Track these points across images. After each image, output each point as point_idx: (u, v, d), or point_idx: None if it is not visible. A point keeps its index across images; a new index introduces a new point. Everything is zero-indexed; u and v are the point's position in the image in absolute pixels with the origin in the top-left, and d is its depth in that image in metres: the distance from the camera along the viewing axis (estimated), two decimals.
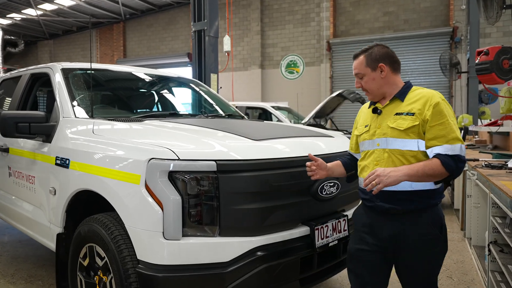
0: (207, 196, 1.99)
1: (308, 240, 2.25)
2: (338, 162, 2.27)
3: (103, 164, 2.24)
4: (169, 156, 1.99)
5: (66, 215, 2.59)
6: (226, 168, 2.01)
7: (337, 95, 8.90)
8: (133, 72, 3.80)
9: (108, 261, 2.15)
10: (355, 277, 2.05)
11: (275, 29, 16.56)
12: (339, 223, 2.44)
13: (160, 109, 3.86)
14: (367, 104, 2.13)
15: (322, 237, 2.30)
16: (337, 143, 2.74)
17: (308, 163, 2.16)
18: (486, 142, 6.75)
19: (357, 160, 2.16)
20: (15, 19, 19.34)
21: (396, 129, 1.88)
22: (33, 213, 3.02)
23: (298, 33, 16.19)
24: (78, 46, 21.39)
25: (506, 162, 3.59)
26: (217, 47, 6.79)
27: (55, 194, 2.65)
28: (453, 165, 1.79)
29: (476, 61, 4.87)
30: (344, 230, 2.47)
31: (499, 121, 5.77)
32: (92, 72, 3.37)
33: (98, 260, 2.26)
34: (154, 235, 1.95)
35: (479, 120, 9.14)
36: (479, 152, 5.05)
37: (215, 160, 2.00)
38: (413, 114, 1.87)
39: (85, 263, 2.37)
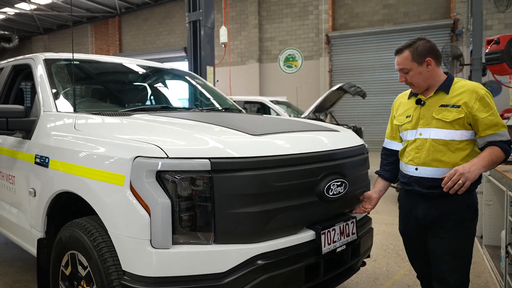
0: (200, 198, 1.76)
1: (313, 246, 2.03)
2: (379, 180, 2.35)
3: (84, 163, 2.00)
4: (156, 154, 1.76)
5: (47, 218, 2.36)
6: (222, 166, 1.77)
7: (338, 88, 8.69)
8: (123, 64, 3.55)
9: (90, 271, 1.93)
10: (409, 253, 2.29)
11: (272, 22, 16.27)
12: (347, 226, 2.22)
13: (153, 103, 3.61)
14: (405, 94, 2.24)
15: (329, 242, 2.08)
16: (343, 137, 2.51)
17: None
18: None
19: (393, 154, 2.27)
20: (9, 14, 18.99)
21: (442, 120, 1.97)
22: (14, 216, 2.79)
23: (296, 26, 15.91)
24: (73, 40, 21.02)
25: None
26: (213, 39, 6.52)
27: (35, 195, 2.42)
28: (509, 149, 1.94)
29: (486, 51, 4.64)
30: (353, 234, 2.25)
31: (505, 114, 5.56)
32: (78, 63, 3.13)
33: (80, 269, 2.03)
34: (141, 243, 1.72)
35: None
36: None
37: (208, 158, 1.77)
38: (459, 106, 1.95)
39: (67, 272, 2.15)
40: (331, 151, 2.23)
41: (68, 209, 2.36)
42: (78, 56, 3.22)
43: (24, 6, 17.93)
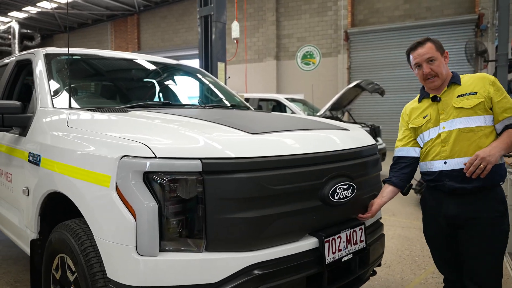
0: (191, 202, 1.62)
1: (316, 255, 1.86)
2: (385, 186, 2.25)
3: (72, 162, 1.89)
4: (144, 153, 1.62)
5: (40, 219, 2.27)
6: (214, 168, 1.63)
7: (355, 86, 8.45)
8: (127, 59, 3.45)
9: (77, 276, 1.82)
10: (437, 258, 2.24)
11: (291, 19, 16.04)
12: (354, 233, 2.04)
13: (156, 99, 3.49)
14: (413, 101, 2.27)
15: (334, 250, 1.91)
16: (352, 136, 2.33)
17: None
18: None
19: (404, 162, 2.21)
20: (31, 13, 19.36)
21: (464, 108, 1.99)
22: (11, 215, 2.72)
23: (315, 23, 15.63)
24: (93, 39, 21.31)
25: None
26: (225, 34, 6.36)
27: (28, 194, 2.33)
28: None
29: None
30: (361, 241, 2.07)
31: None
32: (79, 58, 3.04)
33: (69, 273, 1.93)
34: (126, 250, 1.59)
35: None
36: None
37: (200, 158, 1.62)
38: (476, 93, 1.99)
39: (58, 275, 2.05)
40: (338, 151, 2.05)
41: (62, 210, 2.26)
42: (81, 51, 3.13)
43: (46, 5, 18.22)
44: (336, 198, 1.92)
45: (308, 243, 1.85)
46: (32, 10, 18.93)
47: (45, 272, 2.16)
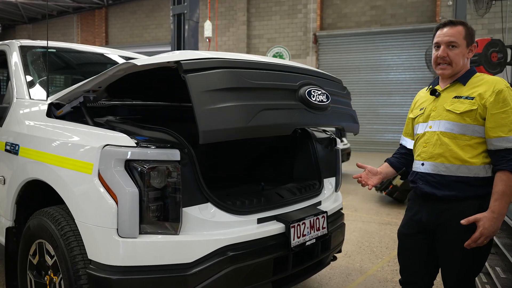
0: (169, 188, 1.76)
1: (283, 239, 2.04)
2: (385, 164, 2.20)
3: (53, 151, 1.98)
4: (126, 142, 1.75)
5: (16, 207, 2.32)
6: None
7: None
8: (103, 54, 3.51)
9: (57, 259, 1.91)
10: (401, 260, 2.07)
11: (261, 20, 16.26)
12: (317, 220, 2.24)
13: None
14: (424, 89, 2.09)
15: (299, 235, 2.10)
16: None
17: (354, 176, 2.13)
18: None
19: (407, 152, 2.14)
20: None
21: (452, 112, 1.82)
22: None
23: (285, 24, 15.93)
24: (58, 31, 20.66)
25: None
26: (198, 33, 6.48)
27: (4, 183, 2.38)
28: None
29: None
30: (323, 228, 2.27)
31: None
32: (54, 51, 3.08)
33: (48, 258, 2.01)
34: (107, 232, 1.71)
35: None
36: None
37: (178, 148, 1.77)
38: (472, 98, 1.79)
39: (35, 261, 2.12)
40: (307, 69, 2.18)
41: (39, 198, 2.33)
42: (56, 44, 3.17)
43: None
44: (314, 99, 1.98)
45: (275, 227, 2.04)
46: None
47: (22, 259, 2.22)
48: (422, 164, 1.90)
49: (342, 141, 8.35)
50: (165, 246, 1.74)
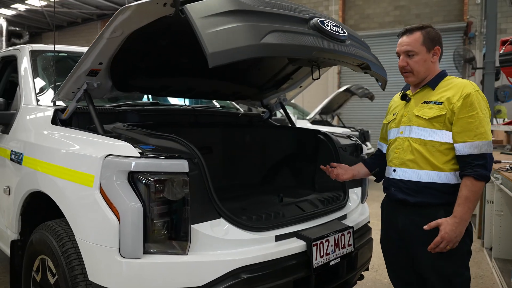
0: (177, 203, 1.58)
1: (304, 258, 1.84)
2: (360, 163, 2.21)
3: (54, 160, 1.85)
4: (129, 152, 1.59)
5: (21, 219, 2.20)
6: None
7: (345, 90, 8.49)
8: None
9: (58, 279, 1.76)
10: (388, 267, 2.05)
11: None
12: (342, 237, 2.02)
13: (150, 99, 3.42)
14: (398, 94, 2.05)
15: (322, 254, 1.89)
16: None
17: (323, 167, 2.16)
18: (502, 142, 6.37)
19: (383, 156, 2.09)
20: (19, 10, 19.07)
21: (421, 117, 1.79)
22: None
23: None
24: (82, 38, 21.06)
25: None
26: None
27: (9, 194, 2.27)
28: (486, 172, 1.68)
29: (501, 52, 4.41)
30: (349, 245, 2.05)
31: None
32: (65, 55, 2.98)
33: (50, 276, 1.87)
34: (108, 252, 1.55)
35: (494, 119, 8.63)
36: (500, 153, 4.59)
37: (187, 159, 1.59)
38: (441, 103, 1.76)
39: (38, 278, 1.99)
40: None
41: (44, 210, 2.20)
42: (67, 48, 3.07)
43: (35, 3, 17.97)
44: (328, 28, 1.81)
45: (296, 246, 1.83)
46: (21, 7, 18.66)
47: (25, 274, 2.10)
48: (394, 170, 1.88)
49: (366, 145, 8.06)
50: (172, 268, 1.56)
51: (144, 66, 2.30)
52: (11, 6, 18.42)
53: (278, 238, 1.83)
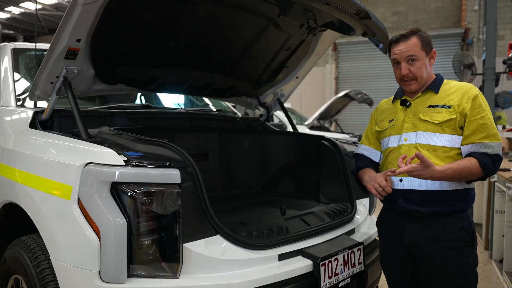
0: (167, 218, 1.38)
1: (310, 280, 1.63)
2: (369, 169, 1.91)
3: (29, 169, 1.64)
4: (112, 160, 1.38)
5: None
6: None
7: (344, 95, 8.35)
8: None
9: None
10: (390, 285, 1.90)
11: None
12: (352, 254, 1.82)
13: (143, 102, 3.22)
14: (388, 100, 1.98)
15: (330, 275, 1.69)
16: None
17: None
18: (504, 150, 6.23)
19: (371, 167, 1.89)
20: (14, 13, 18.84)
21: (430, 122, 1.71)
22: None
23: None
24: None
25: None
26: None
27: None
28: (491, 166, 1.64)
29: (509, 55, 4.26)
30: (359, 263, 1.85)
31: None
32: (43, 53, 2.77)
33: None
34: (87, 276, 1.34)
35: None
36: (508, 160, 4.43)
37: (180, 167, 1.39)
38: (449, 106, 1.70)
39: None
40: None
41: (24, 223, 1.99)
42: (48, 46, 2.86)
43: (30, 6, 17.76)
44: None
45: (301, 266, 1.63)
46: (15, 10, 18.44)
47: None
48: (401, 180, 1.73)
49: None
50: None
51: (128, 50, 2.07)
52: (5, 9, 18.20)
53: (282, 257, 1.63)
